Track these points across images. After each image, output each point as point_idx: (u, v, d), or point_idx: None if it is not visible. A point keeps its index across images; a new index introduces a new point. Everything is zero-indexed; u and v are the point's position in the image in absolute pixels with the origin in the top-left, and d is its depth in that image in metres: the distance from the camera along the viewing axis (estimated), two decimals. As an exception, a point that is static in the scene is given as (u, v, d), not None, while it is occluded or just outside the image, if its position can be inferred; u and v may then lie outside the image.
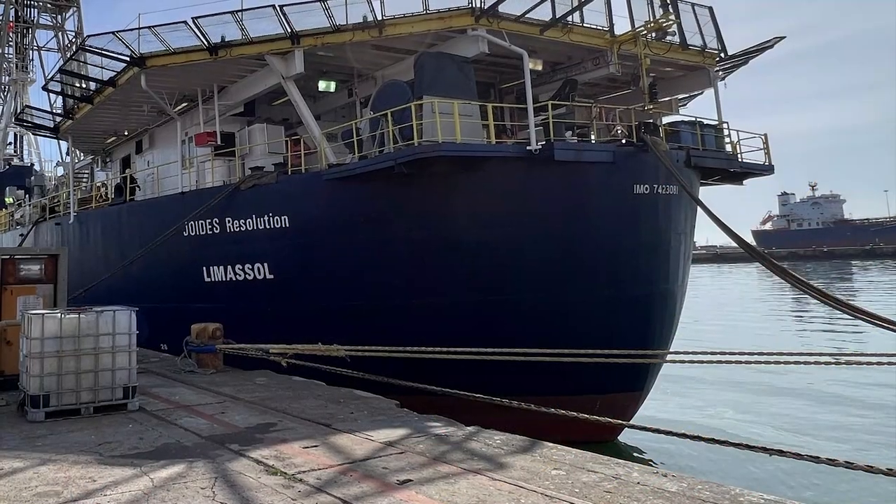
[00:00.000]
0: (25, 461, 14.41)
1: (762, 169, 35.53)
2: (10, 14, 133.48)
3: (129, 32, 32.67)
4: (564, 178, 27.47)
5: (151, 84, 34.58)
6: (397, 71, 33.79)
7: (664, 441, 25.48)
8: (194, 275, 33.43)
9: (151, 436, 16.49)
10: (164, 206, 36.60)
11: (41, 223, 54.76)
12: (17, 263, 22.95)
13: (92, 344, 18.81)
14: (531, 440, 15.67)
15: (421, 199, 27.70)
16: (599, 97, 37.54)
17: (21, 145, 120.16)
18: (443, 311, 27.52)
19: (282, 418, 18.41)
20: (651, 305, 29.47)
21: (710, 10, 35.33)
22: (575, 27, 30.93)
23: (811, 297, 26.94)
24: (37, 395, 18.25)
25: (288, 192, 30.65)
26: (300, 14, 30.40)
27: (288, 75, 31.63)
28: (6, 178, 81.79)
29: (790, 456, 13.15)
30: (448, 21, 29.47)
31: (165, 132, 43.36)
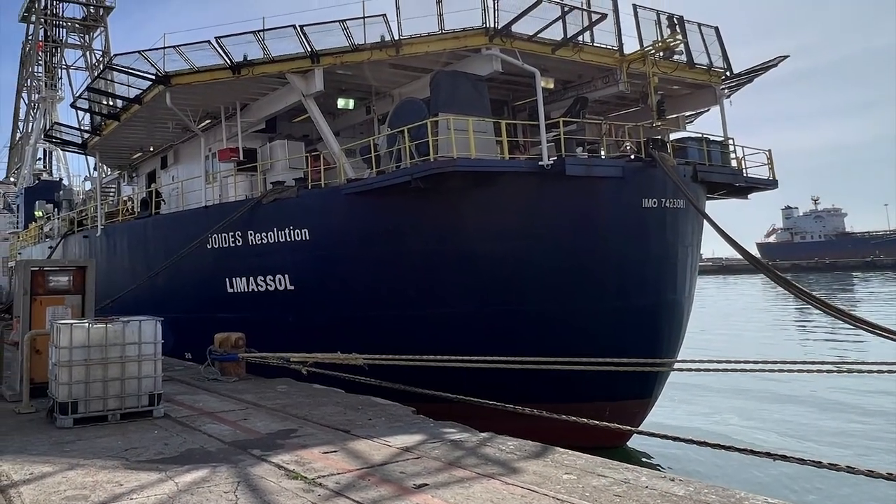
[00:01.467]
0: (54, 466, 14.44)
1: (766, 183, 35.49)
2: (39, 34, 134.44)
3: (154, 52, 32.78)
4: (575, 193, 27.48)
5: (176, 101, 34.70)
6: (414, 89, 33.75)
7: (672, 446, 25.37)
8: (217, 286, 33.48)
9: (176, 441, 16.51)
10: (188, 219, 36.63)
11: (69, 236, 54.89)
12: (46, 275, 22.94)
13: (119, 353, 18.85)
14: (543, 446, 15.63)
15: (436, 213, 27.72)
16: (609, 114, 37.46)
17: (50, 161, 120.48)
18: (457, 320, 27.54)
19: (302, 424, 18.39)
20: (659, 315, 29.45)
21: (716, 30, 35.42)
22: (585, 46, 30.92)
23: (814, 308, 26.90)
24: (65, 403, 18.28)
25: (308, 206, 30.68)
26: (320, 34, 30.49)
27: (308, 93, 31.67)
28: (36, 193, 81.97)
29: (793, 461, 13.19)
30: (463, 41, 29.51)
31: (189, 148, 43.41)
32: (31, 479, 13.64)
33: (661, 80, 32.29)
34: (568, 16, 29.34)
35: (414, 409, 20.43)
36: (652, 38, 31.45)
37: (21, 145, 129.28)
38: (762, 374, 29.94)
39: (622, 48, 31.79)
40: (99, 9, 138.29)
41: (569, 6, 29.19)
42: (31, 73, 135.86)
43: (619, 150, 32.42)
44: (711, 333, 66.43)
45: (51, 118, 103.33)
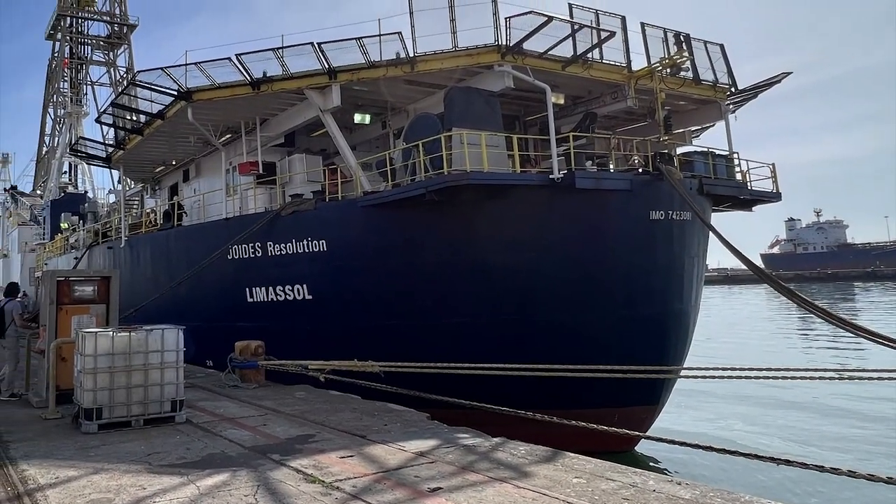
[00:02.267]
0: (80, 470, 14.48)
1: (770, 196, 35.46)
2: (65, 51, 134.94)
3: (176, 68, 32.88)
4: (585, 205, 27.54)
5: (198, 117, 34.75)
6: (428, 104, 33.81)
7: (678, 451, 25.45)
8: (238, 295, 33.53)
9: (198, 446, 16.54)
10: (209, 231, 36.70)
11: (94, 247, 54.98)
12: (71, 285, 22.96)
13: (142, 360, 18.85)
14: (553, 450, 15.66)
15: (450, 225, 27.76)
16: (617, 129, 37.51)
17: (76, 174, 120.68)
18: (470, 329, 27.56)
19: (320, 430, 18.40)
20: (666, 324, 29.46)
21: (721, 47, 35.43)
22: (595, 63, 30.95)
23: (816, 317, 26.87)
24: (90, 409, 18.30)
25: (326, 218, 30.70)
26: (337, 51, 30.55)
27: (326, 108, 31.74)
28: (62, 205, 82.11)
29: (796, 465, 13.31)
30: (476, 58, 29.58)
31: (211, 162, 43.53)
32: (57, 482, 13.67)
33: (668, 96, 32.31)
34: (578, 34, 29.36)
35: (428, 414, 20.40)
36: (659, 56, 31.49)
37: (47, 159, 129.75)
38: (766, 381, 29.94)
39: (630, 65, 31.82)
40: (123, 27, 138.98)
41: (578, 24, 29.25)
42: (58, 90, 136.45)
43: (627, 163, 32.38)
44: (717, 342, 66.57)
45: (76, 133, 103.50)
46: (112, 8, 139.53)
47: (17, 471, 14.60)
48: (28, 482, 13.77)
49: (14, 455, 16.03)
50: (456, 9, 29.42)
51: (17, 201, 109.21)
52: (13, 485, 13.76)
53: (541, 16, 28.18)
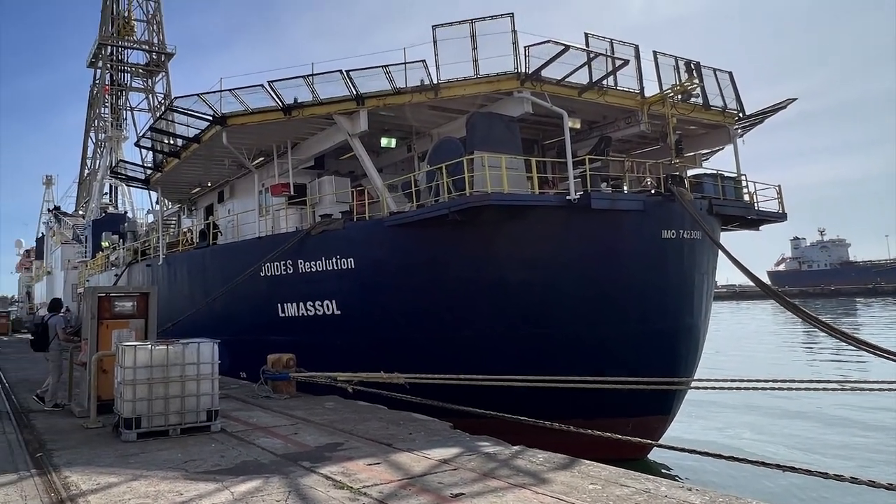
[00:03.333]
0: (120, 477, 14.51)
1: (776, 216, 35.44)
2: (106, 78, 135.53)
3: (212, 94, 33.00)
4: (600, 225, 27.53)
5: (232, 141, 34.86)
6: (451, 129, 33.83)
7: (689, 459, 25.25)
8: (270, 310, 33.56)
9: (232, 454, 16.54)
10: (243, 249, 36.75)
11: (133, 265, 55.26)
12: (112, 300, 23.04)
13: (179, 372, 18.91)
14: (570, 458, 15.64)
15: (472, 243, 27.75)
16: (631, 152, 37.43)
17: (116, 195, 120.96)
18: (491, 342, 27.53)
19: (348, 438, 18.38)
20: (677, 338, 29.41)
21: (729, 74, 35.45)
22: (609, 90, 31.00)
23: (820, 331, 26.78)
24: (130, 418, 18.35)
25: (353, 237, 30.76)
26: (364, 78, 30.65)
27: (353, 133, 31.83)
28: (103, 225, 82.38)
29: (801, 472, 13.48)
30: (496, 84, 29.64)
31: (244, 183, 43.63)
32: (98, 488, 13.71)
33: (679, 121, 32.36)
34: (593, 61, 29.45)
35: (451, 424, 20.39)
36: (671, 83, 31.47)
37: (89, 181, 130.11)
38: (772, 392, 29.78)
39: (643, 91, 31.85)
40: (161, 55, 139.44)
41: (594, 53, 29.32)
42: (99, 115, 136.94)
43: (640, 185, 32.31)
44: (726, 354, 66.35)
45: (116, 156, 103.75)
46: (151, 37, 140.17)
47: (61, 477, 14.64)
48: (70, 488, 13.80)
49: (57, 462, 16.08)
50: (477, 38, 29.51)
51: (60, 221, 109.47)
52: (56, 490, 13.78)
53: (558, 45, 28.26)
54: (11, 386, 32.16)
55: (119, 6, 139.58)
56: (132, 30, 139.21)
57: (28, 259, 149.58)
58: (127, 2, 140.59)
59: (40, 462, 16.28)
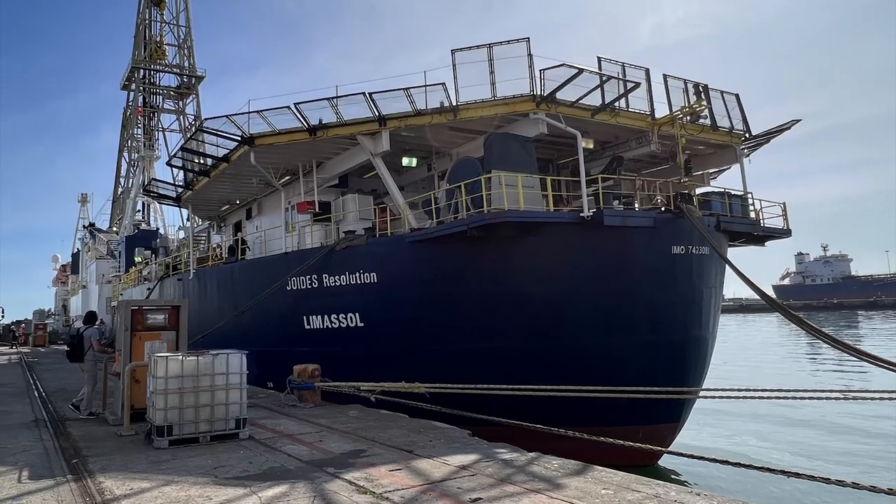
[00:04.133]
0: (152, 482, 14.62)
1: (781, 232, 35.41)
2: (138, 100, 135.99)
3: (240, 116, 33.10)
4: (612, 241, 27.54)
5: (259, 160, 34.87)
6: (469, 148, 33.89)
7: (698, 465, 25.27)
8: (296, 323, 33.60)
9: (259, 460, 16.59)
10: (270, 264, 36.83)
11: (165, 279, 55.42)
12: (144, 313, 23.15)
13: (209, 382, 18.99)
14: (584, 464, 15.76)
15: (490, 258, 27.78)
16: (642, 171, 37.37)
17: (148, 212, 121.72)
18: (508, 353, 27.52)
19: (371, 445, 18.41)
20: (686, 349, 29.39)
21: (736, 96, 35.43)
22: (621, 111, 31.05)
23: (823, 342, 26.69)
24: (161, 426, 18.44)
25: (376, 253, 30.79)
26: (386, 100, 30.69)
27: (376, 153, 31.84)
28: (136, 241, 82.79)
29: (805, 478, 13.48)
30: (513, 106, 29.68)
31: (271, 201, 43.68)
32: (131, 493, 13.80)
33: (688, 141, 32.45)
34: (606, 84, 29.49)
35: (470, 431, 20.50)
36: (680, 104, 31.52)
37: (122, 199, 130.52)
38: (777, 401, 30.02)
39: (654, 113, 31.89)
40: (191, 78, 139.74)
41: (606, 76, 29.38)
42: (132, 135, 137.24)
43: (651, 202, 32.38)
44: (733, 365, 66.36)
45: (149, 175, 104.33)
46: (182, 61, 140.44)
47: (95, 483, 14.72)
48: (105, 493, 13.88)
49: (92, 468, 16.17)
50: (495, 62, 29.57)
51: (95, 237, 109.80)
52: (91, 495, 13.85)
53: (572, 68, 28.30)
54: (48, 395, 32.31)
55: (151, 31, 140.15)
56: (164, 54, 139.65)
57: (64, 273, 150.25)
58: (159, 27, 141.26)
59: (76, 468, 16.36)
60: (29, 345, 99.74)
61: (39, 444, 19.90)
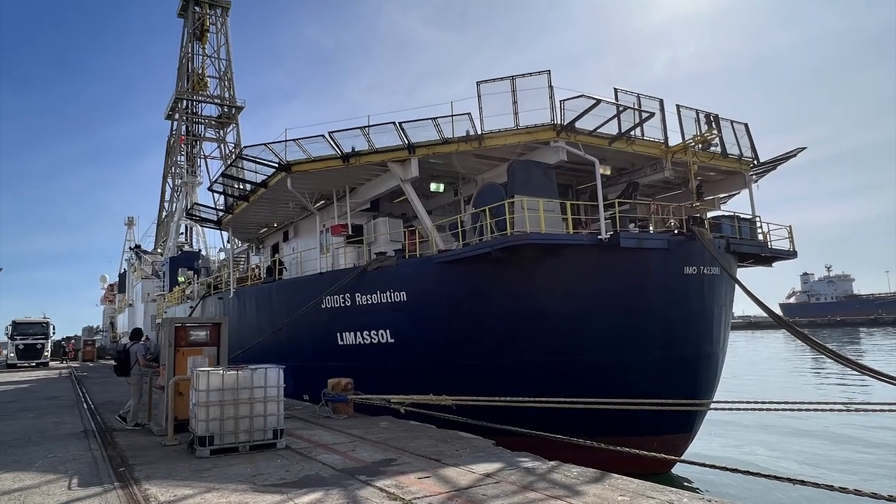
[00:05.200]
0: (194, 489, 14.72)
1: (787, 254, 35.33)
2: (181, 129, 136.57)
3: (277, 144, 33.17)
4: (628, 261, 27.53)
5: (296, 185, 35.03)
6: (494, 175, 33.88)
7: (709, 473, 25.43)
8: (330, 339, 33.64)
9: (296, 469, 16.65)
10: (306, 284, 36.88)
11: (207, 297, 55.75)
12: (187, 330, 23.25)
13: (248, 395, 19.07)
14: (601, 472, 15.83)
15: (512, 278, 27.77)
16: (656, 196, 37.37)
17: (191, 235, 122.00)
18: (530, 367, 27.50)
19: (401, 454, 18.44)
20: (698, 363, 29.32)
21: (745, 125, 35.39)
22: (637, 140, 31.06)
23: (827, 357, 26.67)
24: (203, 436, 18.54)
25: (406, 273, 30.84)
26: (415, 129, 30.77)
27: (406, 178, 31.92)
28: (179, 262, 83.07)
29: (810, 485, 13.73)
30: (534, 135, 29.72)
31: (307, 224, 43.81)
32: (174, 500, 13.94)
33: (699, 168, 32.40)
34: (622, 114, 29.51)
35: (494, 441, 20.49)
36: (692, 133, 31.51)
37: (167, 222, 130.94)
38: (784, 413, 29.98)
39: (667, 141, 31.90)
40: (231, 108, 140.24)
41: (623, 106, 29.41)
42: (175, 162, 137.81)
43: (664, 226, 32.47)
44: (742, 379, 66.21)
45: (191, 199, 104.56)
46: (222, 92, 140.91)
47: (141, 490, 14.85)
48: (150, 500, 14.01)
49: (138, 476, 16.30)
50: (517, 93, 29.64)
51: (140, 258, 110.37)
52: (137, 502, 14.02)
53: (590, 99, 28.34)
54: (97, 407, 32.44)
55: (194, 64, 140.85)
56: (206, 85, 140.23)
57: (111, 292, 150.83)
58: (201, 60, 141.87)
59: (123, 476, 16.51)
60: (78, 360, 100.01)
61: (88, 453, 20.03)
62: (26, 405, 34.39)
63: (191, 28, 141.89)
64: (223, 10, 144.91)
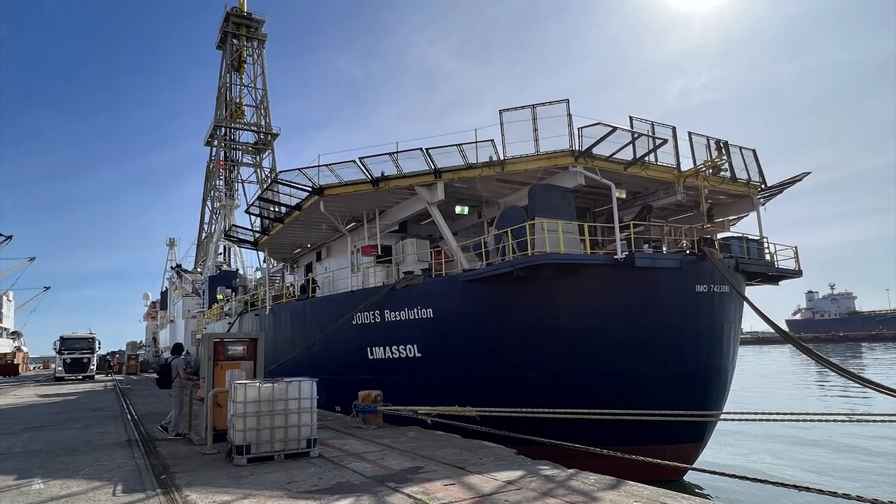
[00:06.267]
0: (232, 495, 14.76)
1: (793, 273, 35.27)
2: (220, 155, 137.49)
3: (311, 169, 33.45)
4: (642, 280, 27.52)
5: (328, 208, 35.22)
6: (515, 198, 33.95)
7: (719, 480, 25.20)
8: (361, 353, 33.67)
9: (328, 476, 16.65)
10: (338, 301, 36.91)
11: (244, 314, 55.77)
12: (225, 345, 23.34)
13: (283, 406, 19.07)
14: (617, 479, 15.88)
15: (532, 296, 27.75)
16: (669, 218, 37.32)
17: (229, 255, 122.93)
18: (549, 380, 27.48)
19: (427, 463, 18.44)
20: (708, 376, 29.23)
21: (753, 151, 35.41)
22: (651, 165, 31.11)
23: (830, 371, 26.57)
24: (241, 445, 18.56)
25: (432, 291, 30.87)
26: (441, 155, 30.96)
27: (432, 202, 32.07)
28: (218, 280, 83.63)
29: (814, 491, 13.90)
30: (554, 160, 29.80)
31: (338, 245, 44.07)
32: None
33: (710, 192, 32.44)
34: (637, 141, 29.62)
35: (516, 450, 20.48)
36: (703, 159, 31.59)
37: (206, 243, 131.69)
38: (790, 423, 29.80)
39: (679, 166, 31.98)
40: (267, 135, 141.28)
41: (637, 133, 29.55)
42: (214, 186, 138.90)
43: (677, 246, 32.44)
44: (750, 391, 66.08)
45: (229, 221, 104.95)
46: (259, 120, 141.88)
47: (182, 496, 14.89)
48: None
49: (179, 483, 16.36)
50: (538, 120, 29.79)
51: (181, 277, 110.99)
52: (178, 507, 13.96)
53: (607, 126, 28.49)
54: (140, 418, 32.52)
55: (232, 94, 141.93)
56: (243, 114, 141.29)
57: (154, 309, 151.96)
58: (239, 90, 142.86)
59: (164, 483, 16.57)
60: (122, 373, 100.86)
61: (132, 461, 20.09)
62: (74, 416, 34.50)
63: (229, 59, 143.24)
64: (259, 43, 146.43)
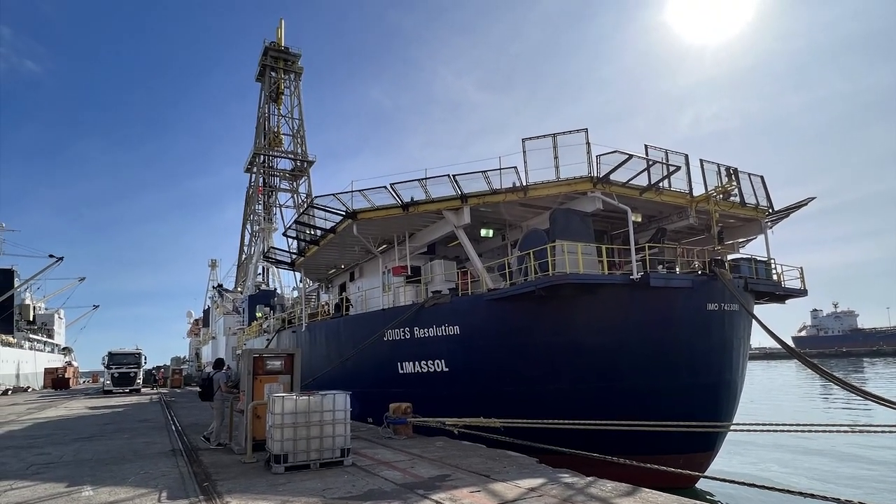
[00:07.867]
0: (270, 501, 14.82)
1: (799, 292, 35.20)
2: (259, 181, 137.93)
3: (344, 194, 33.65)
4: (657, 299, 27.51)
5: (361, 231, 35.38)
6: (537, 221, 33.99)
7: (729, 488, 25.02)
8: (391, 368, 33.70)
9: (361, 484, 16.64)
10: (370, 319, 36.96)
11: (282, 331, 55.89)
12: (264, 360, 23.37)
13: (318, 417, 19.09)
14: (633, 487, 15.89)
15: (553, 314, 27.72)
16: (682, 240, 37.30)
17: (267, 275, 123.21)
18: (569, 393, 27.42)
19: (454, 471, 18.38)
20: (719, 390, 29.11)
21: (761, 177, 35.39)
22: (665, 191, 31.15)
23: (834, 384, 26.54)
24: (279, 454, 18.58)
25: (459, 309, 30.90)
26: (467, 181, 31.13)
27: (459, 225, 32.14)
28: (257, 299, 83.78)
29: (819, 498, 13.66)
30: (573, 186, 29.87)
31: (371, 265, 44.22)
32: (254, 512, 13.84)
33: (720, 216, 32.42)
34: (651, 168, 29.73)
35: (537, 459, 20.43)
36: (714, 184, 31.68)
37: (246, 264, 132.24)
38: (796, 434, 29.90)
39: (692, 192, 31.97)
40: (304, 162, 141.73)
41: (652, 161, 29.63)
42: (253, 210, 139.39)
43: (689, 267, 32.45)
44: (758, 403, 65.77)
45: (268, 244, 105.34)
46: (295, 148, 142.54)
47: (223, 502, 14.92)
48: (232, 511, 13.95)
49: (220, 490, 16.39)
50: (558, 148, 29.94)
51: (222, 296, 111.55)
52: (220, 513, 13.95)
53: (623, 154, 28.57)
54: (183, 428, 32.60)
55: (270, 123, 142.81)
56: (280, 142, 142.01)
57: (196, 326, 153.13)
58: (276, 120, 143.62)
59: (207, 490, 16.59)
60: (167, 386, 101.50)
61: (176, 469, 20.17)
62: (121, 427, 34.66)
63: (267, 91, 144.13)
64: (296, 75, 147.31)
